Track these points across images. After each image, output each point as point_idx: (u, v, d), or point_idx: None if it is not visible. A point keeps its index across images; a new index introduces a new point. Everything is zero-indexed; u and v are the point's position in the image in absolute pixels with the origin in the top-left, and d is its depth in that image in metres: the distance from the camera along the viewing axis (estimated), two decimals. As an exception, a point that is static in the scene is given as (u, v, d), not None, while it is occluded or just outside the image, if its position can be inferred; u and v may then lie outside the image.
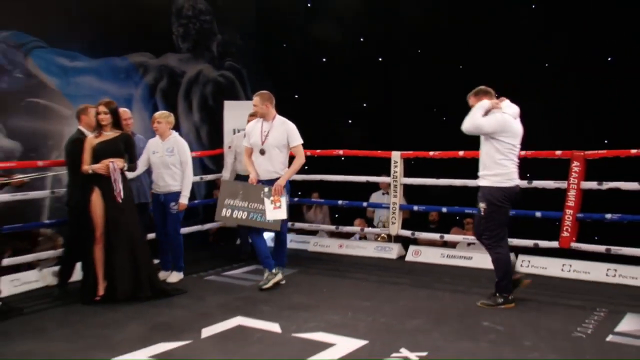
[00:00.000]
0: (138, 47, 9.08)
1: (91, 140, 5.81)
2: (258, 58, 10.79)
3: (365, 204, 8.35)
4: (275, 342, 4.70)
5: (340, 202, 8.08)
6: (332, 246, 8.05)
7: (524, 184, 6.66)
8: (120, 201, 5.69)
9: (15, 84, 7.48)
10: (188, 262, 6.81)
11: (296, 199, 9.07)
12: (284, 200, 6.04)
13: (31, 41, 7.78)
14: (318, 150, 8.04)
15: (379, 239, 8.19)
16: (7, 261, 6.24)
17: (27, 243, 7.41)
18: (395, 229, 7.48)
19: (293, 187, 9.44)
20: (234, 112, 8.67)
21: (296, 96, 10.68)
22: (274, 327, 5.00)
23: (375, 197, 8.83)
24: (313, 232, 8.76)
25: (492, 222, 5.35)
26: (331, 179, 7.98)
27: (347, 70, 9.99)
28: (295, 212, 9.72)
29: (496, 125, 5.26)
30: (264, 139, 6.13)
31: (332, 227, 8.36)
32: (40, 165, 6.63)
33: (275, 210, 6.02)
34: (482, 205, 5.36)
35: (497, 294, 5.48)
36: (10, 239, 6.94)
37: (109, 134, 5.81)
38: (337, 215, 9.94)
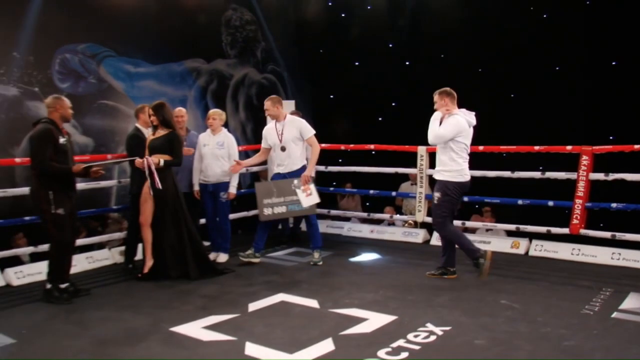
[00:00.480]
0: (192, 54, 9.23)
1: (149, 137, 5.93)
2: (297, 62, 10.81)
3: (394, 193, 8.32)
4: (314, 316, 4.76)
5: (371, 191, 8.08)
6: (364, 231, 8.03)
7: (537, 174, 6.67)
8: (159, 189, 5.73)
9: (89, 88, 7.72)
10: (238, 244, 6.90)
11: (331, 189, 9.07)
12: (312, 187, 6.27)
13: (103, 51, 8.03)
14: (351, 145, 8.04)
15: (406, 225, 8.15)
16: (82, 241, 6.47)
17: (99, 225, 7.65)
18: (421, 216, 7.44)
19: (329, 178, 9.56)
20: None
21: (331, 96, 10.67)
22: (313, 303, 5.05)
23: (405, 187, 8.80)
24: (346, 219, 8.75)
25: (442, 208, 5.61)
26: (363, 170, 7.95)
27: (378, 73, 9.94)
28: (330, 201, 9.78)
29: (453, 130, 5.47)
30: (281, 137, 6.27)
31: (364, 214, 8.34)
32: (109, 159, 6.80)
33: (308, 197, 6.25)
34: (437, 194, 5.62)
35: (474, 260, 5.57)
36: (85, 221, 7.19)
37: (160, 132, 5.88)
38: (367, 204, 9.89)
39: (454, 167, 5.54)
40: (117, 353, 4.12)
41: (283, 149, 6.30)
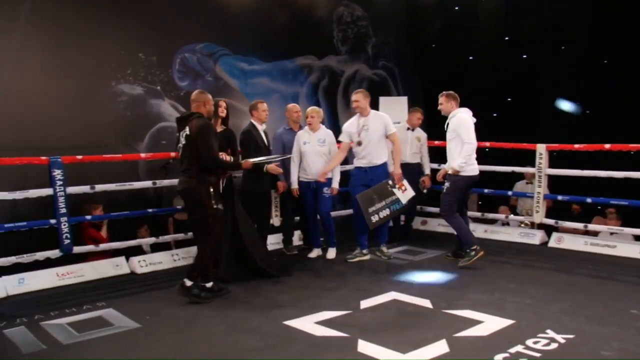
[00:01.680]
0: (304, 51, 9.34)
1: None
2: (408, 58, 10.69)
3: (510, 192, 8.08)
4: (427, 316, 4.71)
5: (486, 190, 7.86)
6: (477, 231, 7.78)
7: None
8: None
9: (206, 86, 8.02)
10: (348, 241, 6.93)
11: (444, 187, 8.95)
12: (406, 183, 6.42)
13: (219, 50, 8.29)
14: None
15: (522, 225, 7.89)
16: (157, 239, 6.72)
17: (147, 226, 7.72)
18: (539, 217, 7.16)
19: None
20: (388, 107, 8.75)
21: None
22: (426, 303, 4.99)
23: (520, 186, 8.52)
24: None
25: (451, 198, 6.07)
26: (480, 168, 7.64)
27: (493, 68, 9.64)
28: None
29: (466, 130, 6.01)
30: (363, 131, 6.35)
31: (478, 214, 8.14)
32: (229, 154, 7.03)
33: (405, 193, 6.44)
34: (447, 184, 6.07)
35: (468, 249, 6.09)
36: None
37: (219, 128, 5.84)
38: (480, 203, 9.67)
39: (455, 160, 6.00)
40: (232, 342, 4.29)
41: (359, 143, 6.38)
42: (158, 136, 7.57)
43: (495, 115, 9.96)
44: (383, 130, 6.39)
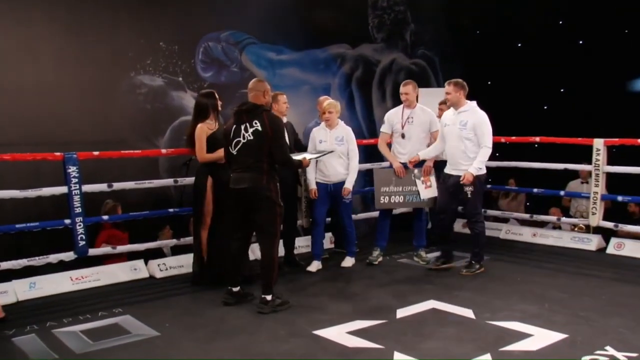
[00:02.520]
0: (336, 39, 9.31)
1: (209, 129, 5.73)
2: (450, 45, 10.57)
3: (562, 192, 7.91)
4: (469, 328, 4.61)
5: (535, 190, 7.70)
6: (525, 234, 7.70)
7: None
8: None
9: (232, 77, 8.06)
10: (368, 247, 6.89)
11: (488, 186, 8.80)
12: (433, 180, 6.42)
13: (245, 39, 8.32)
14: (513, 137, 7.73)
15: (575, 229, 7.73)
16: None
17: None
18: (596, 219, 6.97)
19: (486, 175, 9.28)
20: (427, 99, 8.55)
21: (489, 82, 10.33)
22: (468, 313, 4.90)
23: (574, 186, 8.35)
24: (504, 220, 8.46)
25: (478, 201, 6.07)
26: (527, 166, 7.62)
27: (544, 55, 9.48)
28: (485, 200, 9.46)
29: (488, 132, 5.93)
30: (407, 123, 6.37)
31: (526, 216, 8.00)
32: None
33: (427, 189, 6.42)
34: (470, 188, 5.94)
35: (476, 262, 6.16)
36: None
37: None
38: (528, 204, 9.52)
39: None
40: (257, 352, 4.26)
41: (403, 135, 6.41)
42: (180, 131, 7.56)
43: (545, 107, 9.81)
44: (428, 126, 6.41)
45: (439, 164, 6.46)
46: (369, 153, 7.98)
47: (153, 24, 7.49)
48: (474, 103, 6.01)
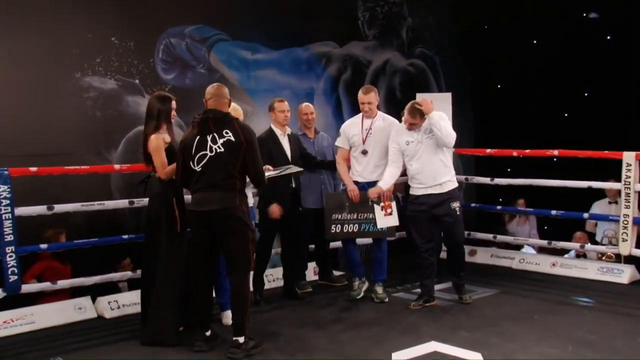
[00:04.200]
0: (321, 36, 9.35)
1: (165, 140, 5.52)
2: (454, 43, 10.68)
3: (586, 215, 7.87)
4: (480, 377, 4.57)
5: (553, 212, 7.65)
6: (543, 264, 7.66)
7: None
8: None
9: (198, 80, 8.02)
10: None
11: (498, 207, 8.79)
12: (394, 205, 6.37)
13: (214, 35, 8.31)
14: (527, 150, 7.72)
15: (603, 258, 7.71)
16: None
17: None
18: (627, 247, 6.92)
19: (495, 193, 9.25)
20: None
21: (499, 86, 10.45)
22: (476, 357, 4.87)
23: (601, 207, 8.35)
24: (518, 247, 8.48)
25: (462, 221, 6.27)
26: (544, 183, 7.58)
27: (565, 53, 9.59)
28: (496, 222, 9.47)
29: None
30: (366, 137, 6.38)
31: (543, 242, 7.97)
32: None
33: (387, 217, 6.34)
34: (456, 205, 6.11)
35: (465, 285, 6.45)
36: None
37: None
38: (546, 227, 9.56)
39: (453, 172, 6.23)
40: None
41: (365, 152, 6.39)
42: (136, 142, 7.36)
43: (566, 115, 9.88)
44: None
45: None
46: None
47: (103, 15, 7.43)
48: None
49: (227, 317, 5.72)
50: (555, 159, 7.89)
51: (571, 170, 7.69)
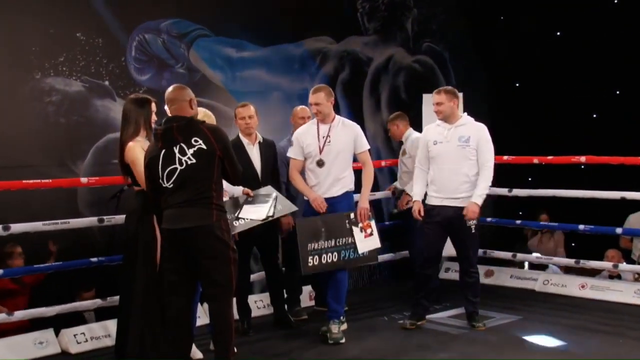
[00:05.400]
0: (315, 31, 9.28)
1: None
2: (465, 37, 10.66)
3: (619, 230, 7.83)
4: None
5: (581, 226, 7.66)
6: (570, 286, 7.70)
7: None
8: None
9: (177, 80, 7.87)
10: (376, 300, 7.09)
11: (518, 222, 8.75)
12: (373, 225, 6.33)
13: (194, 30, 8.23)
14: (550, 157, 7.76)
15: (640, 279, 7.74)
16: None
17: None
18: (668, 266, 6.94)
19: (514, 206, 9.17)
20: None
21: (517, 84, 10.50)
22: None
23: (635, 221, 8.30)
24: (542, 267, 8.53)
25: (478, 240, 6.43)
26: (569, 194, 7.63)
27: (592, 47, 9.58)
28: (516, 239, 9.41)
29: (491, 147, 6.31)
30: (324, 146, 6.26)
31: (570, 261, 7.96)
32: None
33: (367, 238, 6.29)
34: (474, 223, 6.23)
35: (478, 311, 6.50)
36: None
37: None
38: (573, 244, 9.57)
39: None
40: None
41: (321, 163, 6.27)
42: (107, 152, 7.40)
43: (595, 116, 9.91)
44: (351, 146, 6.34)
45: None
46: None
47: (67, 8, 7.37)
48: (468, 116, 6.42)
49: None
50: (582, 167, 8.04)
51: (601, 179, 7.78)
